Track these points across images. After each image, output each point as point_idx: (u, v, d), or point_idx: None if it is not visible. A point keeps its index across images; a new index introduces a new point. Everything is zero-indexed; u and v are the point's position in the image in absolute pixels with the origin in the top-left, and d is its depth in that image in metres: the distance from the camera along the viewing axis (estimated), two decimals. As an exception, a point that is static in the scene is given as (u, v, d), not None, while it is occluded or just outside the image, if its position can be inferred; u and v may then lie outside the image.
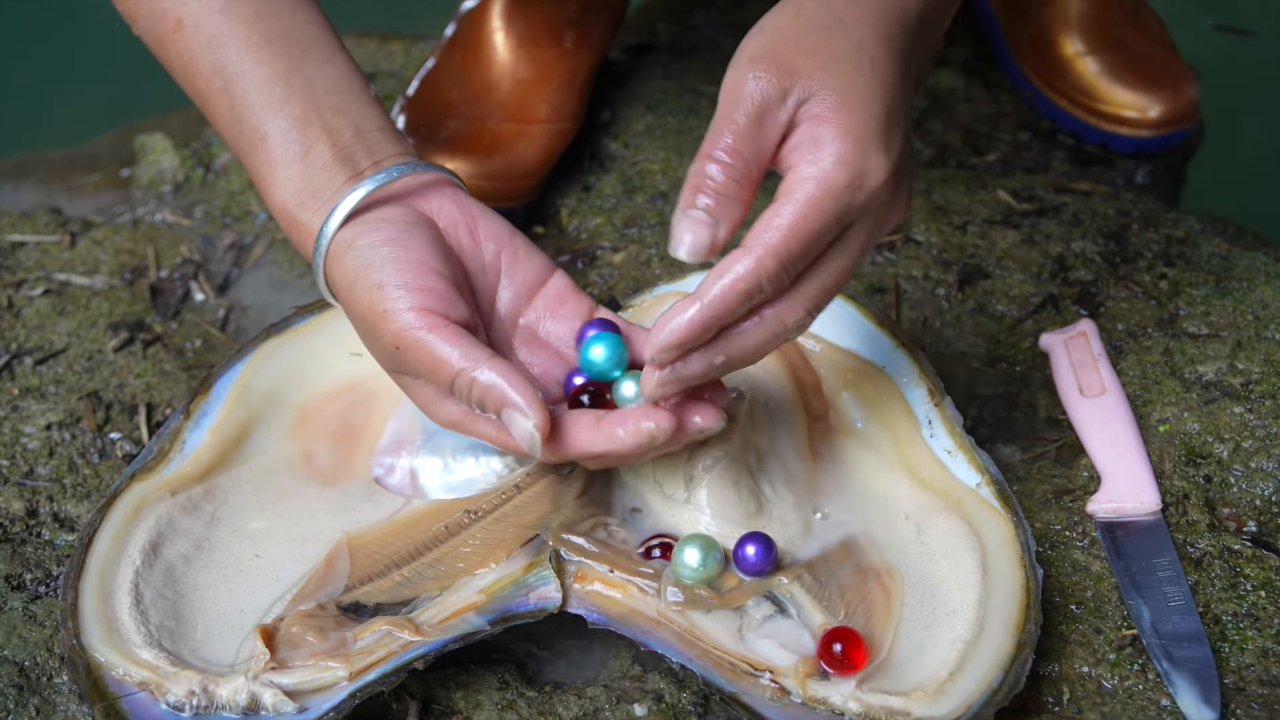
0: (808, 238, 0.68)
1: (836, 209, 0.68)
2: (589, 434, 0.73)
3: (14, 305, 0.99)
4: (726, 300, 0.68)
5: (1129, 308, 0.96)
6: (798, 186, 0.68)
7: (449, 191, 0.80)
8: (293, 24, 0.79)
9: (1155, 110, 1.14)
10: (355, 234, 0.76)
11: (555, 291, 0.81)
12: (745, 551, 0.75)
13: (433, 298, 0.74)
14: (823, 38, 0.70)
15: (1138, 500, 0.82)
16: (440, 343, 0.72)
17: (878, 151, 0.69)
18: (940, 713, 0.68)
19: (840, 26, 0.70)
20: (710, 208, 0.69)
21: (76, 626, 0.73)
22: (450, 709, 0.74)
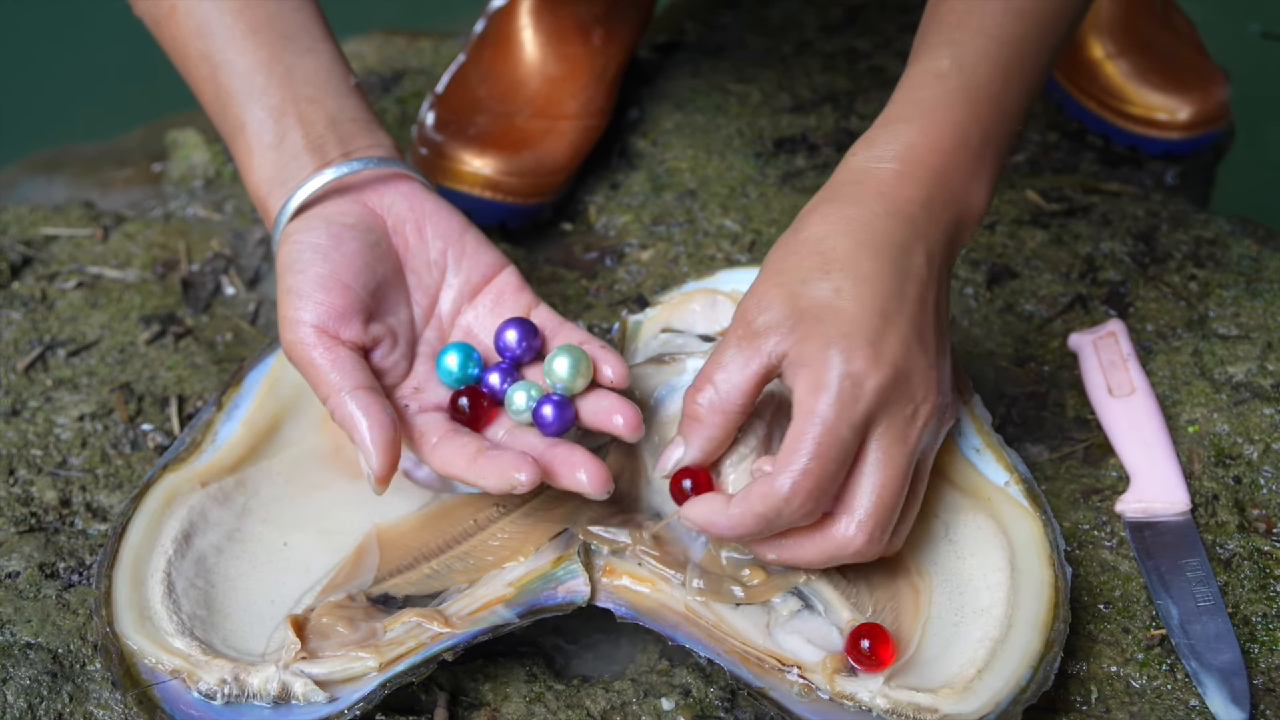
0: (816, 452, 0.68)
1: (835, 420, 0.68)
2: (462, 464, 0.74)
3: (47, 298, 1.00)
4: (746, 522, 0.70)
5: (1158, 308, 0.96)
6: (795, 407, 0.70)
7: (405, 187, 0.81)
8: (280, 13, 0.81)
9: (1185, 112, 1.13)
10: (296, 228, 0.78)
11: (498, 289, 0.81)
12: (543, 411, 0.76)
13: (329, 315, 0.75)
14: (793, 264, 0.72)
15: (1167, 501, 0.82)
16: (318, 362, 0.74)
17: (864, 354, 0.69)
18: (968, 709, 0.68)
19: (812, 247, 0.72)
20: (682, 430, 0.74)
21: (110, 614, 0.73)
22: (479, 700, 0.74)
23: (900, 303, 0.71)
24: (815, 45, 1.26)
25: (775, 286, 0.71)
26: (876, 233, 0.71)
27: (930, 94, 0.74)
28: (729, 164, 1.12)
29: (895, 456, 0.70)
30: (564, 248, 1.07)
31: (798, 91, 1.20)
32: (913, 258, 0.71)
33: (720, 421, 0.73)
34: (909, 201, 0.72)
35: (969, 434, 0.81)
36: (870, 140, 0.75)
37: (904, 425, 0.71)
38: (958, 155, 0.73)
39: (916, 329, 0.71)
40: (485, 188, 1.04)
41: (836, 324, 0.70)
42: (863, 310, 0.70)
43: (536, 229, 1.08)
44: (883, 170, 0.73)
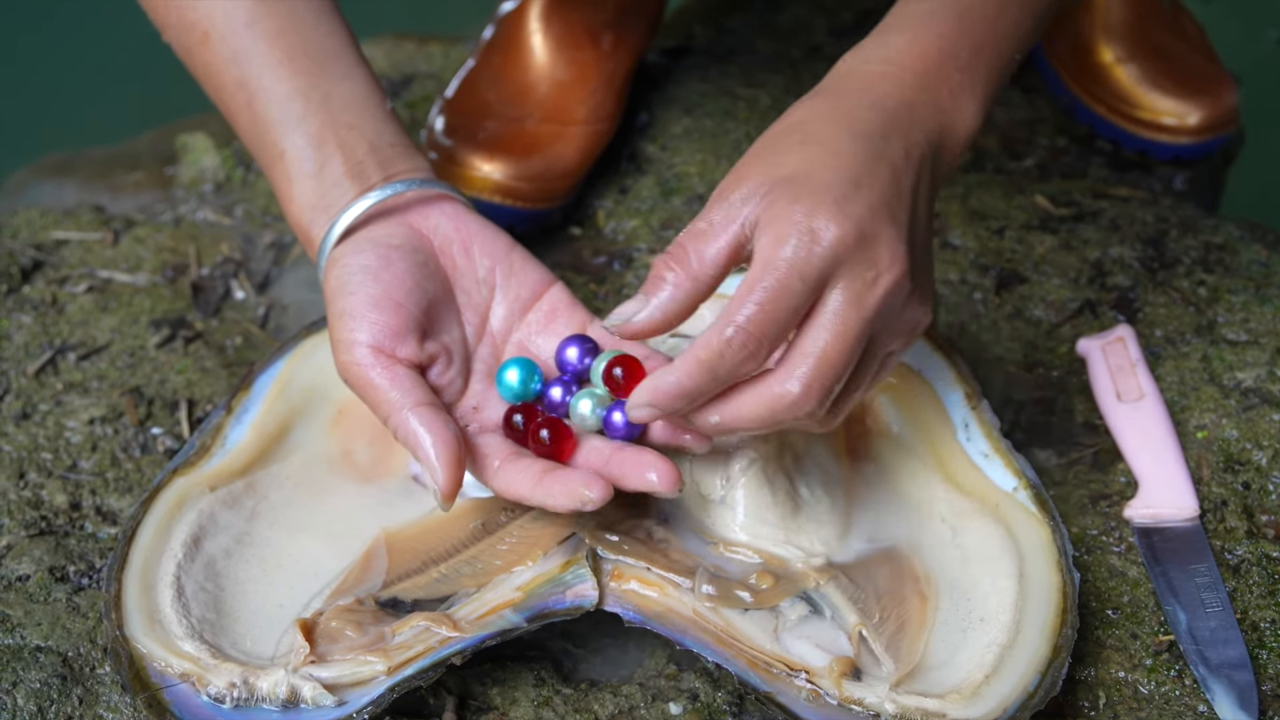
0: (763, 299, 0.67)
1: (788, 269, 0.67)
2: (528, 485, 0.73)
3: (58, 301, 1.00)
4: (691, 372, 0.68)
5: (1167, 314, 0.96)
6: (753, 260, 0.69)
7: (449, 208, 0.81)
8: (314, 39, 0.81)
9: (1194, 117, 1.13)
10: (343, 251, 0.78)
11: (550, 306, 0.81)
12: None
13: (384, 334, 0.75)
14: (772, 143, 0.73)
15: (1175, 506, 0.82)
16: (377, 382, 0.74)
17: (828, 210, 0.68)
18: (976, 715, 0.68)
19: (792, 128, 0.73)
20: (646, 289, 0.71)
21: (120, 618, 0.74)
22: (487, 705, 0.74)
23: (873, 177, 0.70)
24: (824, 50, 1.26)
25: (753, 162, 0.72)
26: (856, 119, 0.72)
27: (921, 8, 0.76)
28: (738, 168, 1.12)
29: (848, 318, 0.68)
30: (573, 252, 1.07)
31: (806, 96, 1.20)
32: (891, 144, 0.71)
33: (687, 287, 0.70)
34: (889, 97, 0.73)
35: (977, 439, 0.81)
36: (860, 48, 0.76)
37: (862, 289, 0.68)
38: (944, 67, 0.74)
39: (887, 202, 0.70)
40: (494, 192, 1.05)
41: (806, 185, 0.69)
42: (835, 176, 0.69)
43: (545, 234, 1.09)
44: (868, 69, 0.74)
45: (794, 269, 0.67)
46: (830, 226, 0.68)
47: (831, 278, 0.68)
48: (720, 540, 0.78)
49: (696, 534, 0.78)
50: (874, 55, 0.75)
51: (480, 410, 0.78)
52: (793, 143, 0.72)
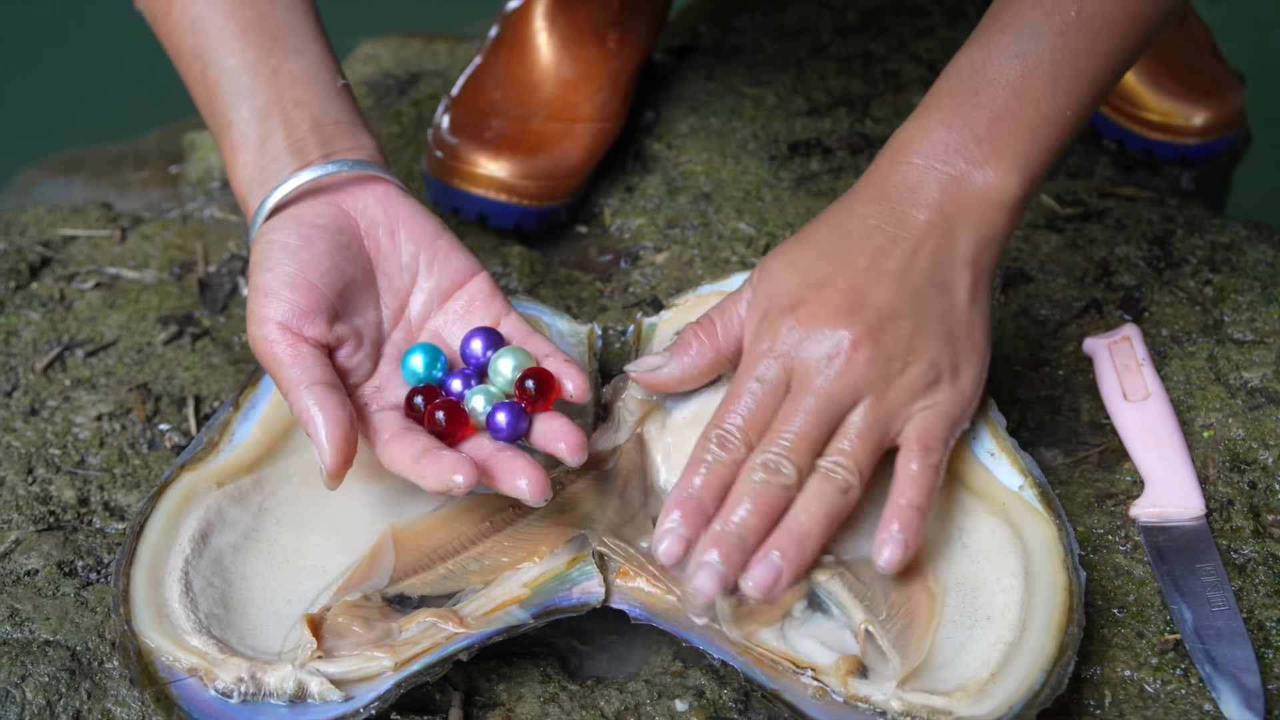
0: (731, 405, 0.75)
1: (748, 376, 0.76)
2: (408, 461, 0.74)
3: (66, 298, 1.00)
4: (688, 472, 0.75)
5: (1173, 313, 0.96)
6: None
7: (380, 190, 0.82)
8: (271, 12, 0.82)
9: (1199, 118, 1.13)
10: (270, 227, 0.79)
11: (470, 296, 0.82)
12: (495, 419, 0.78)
13: (294, 313, 0.77)
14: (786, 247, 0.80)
15: (1181, 505, 0.82)
16: (280, 358, 0.76)
17: (785, 319, 0.76)
18: (982, 712, 0.68)
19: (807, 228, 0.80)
20: (673, 349, 0.80)
21: (128, 612, 0.74)
22: (493, 700, 0.75)
23: (840, 274, 0.76)
24: (830, 49, 1.26)
25: (764, 261, 0.80)
26: (852, 217, 0.78)
27: (934, 92, 0.79)
28: (744, 167, 1.12)
29: (801, 396, 0.75)
30: (579, 250, 1.07)
31: (812, 95, 1.20)
32: (876, 236, 0.77)
33: (710, 355, 0.79)
34: (891, 185, 0.77)
35: (983, 438, 0.81)
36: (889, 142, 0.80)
37: (815, 372, 0.75)
38: (954, 140, 0.77)
39: (854, 288, 0.75)
40: (500, 190, 1.05)
41: (778, 291, 0.77)
42: (802, 283, 0.77)
43: (551, 232, 1.09)
44: (881, 163, 0.79)
45: (755, 372, 0.76)
46: (779, 330, 0.76)
47: (792, 371, 0.75)
48: None
49: None
50: (890, 148, 0.79)
51: (382, 391, 0.80)
52: (792, 246, 0.79)
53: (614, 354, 0.96)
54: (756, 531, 0.73)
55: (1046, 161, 0.78)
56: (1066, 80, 0.77)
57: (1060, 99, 0.77)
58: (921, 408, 0.76)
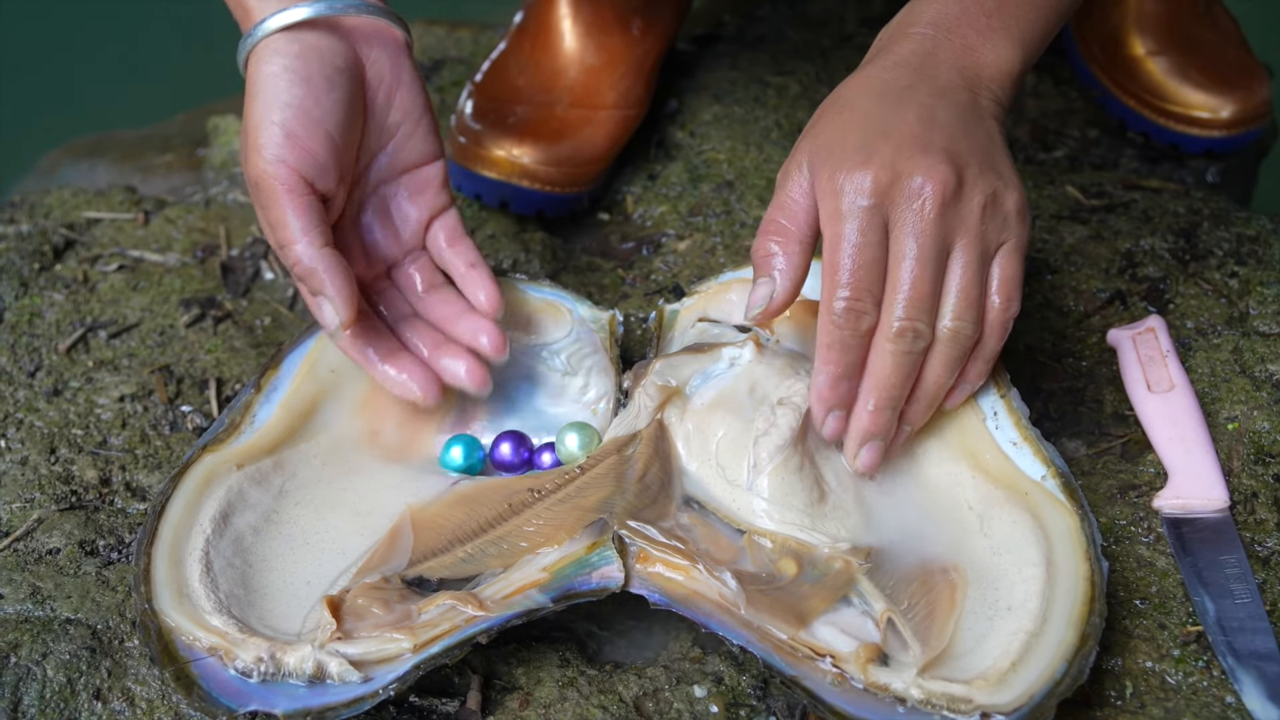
0: (841, 266, 0.75)
1: (847, 231, 0.75)
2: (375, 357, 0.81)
3: (90, 280, 1.01)
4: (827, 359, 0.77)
5: (1198, 305, 0.96)
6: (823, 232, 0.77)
7: (393, 45, 0.83)
8: None
9: (1227, 110, 1.12)
10: (283, 47, 0.78)
11: (425, 177, 0.85)
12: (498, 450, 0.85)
13: (308, 161, 0.78)
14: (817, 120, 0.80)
15: (1205, 497, 0.81)
16: (289, 205, 0.77)
17: (860, 167, 0.75)
18: (1002, 700, 0.68)
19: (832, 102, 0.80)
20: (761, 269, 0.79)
21: (149, 591, 0.74)
22: (511, 684, 0.74)
23: (900, 122, 0.76)
24: (855, 39, 1.26)
25: (802, 141, 0.79)
26: (882, 82, 0.79)
27: None
28: (767, 155, 1.12)
29: (911, 245, 0.75)
30: (601, 237, 1.07)
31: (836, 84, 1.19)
32: (916, 91, 0.78)
33: (797, 251, 0.78)
34: (912, 54, 0.79)
35: (1006, 427, 0.81)
36: (893, 20, 0.82)
37: (913, 216, 0.75)
38: (967, 13, 0.79)
39: (916, 136, 0.76)
40: (523, 177, 1.05)
41: (840, 152, 0.76)
42: (862, 137, 0.76)
43: (574, 218, 1.09)
44: (896, 35, 0.81)
45: (852, 228, 0.75)
46: (865, 179, 0.75)
47: (889, 219, 0.75)
48: (748, 527, 0.77)
49: (724, 521, 0.78)
50: (901, 22, 0.81)
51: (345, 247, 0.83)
52: (830, 115, 0.79)
53: (635, 341, 0.95)
54: (903, 399, 0.78)
55: (1043, 42, 0.81)
56: None
57: None
58: (1004, 241, 0.77)
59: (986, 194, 0.76)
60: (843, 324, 0.76)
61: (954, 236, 0.76)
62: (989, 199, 0.76)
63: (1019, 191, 0.78)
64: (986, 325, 0.78)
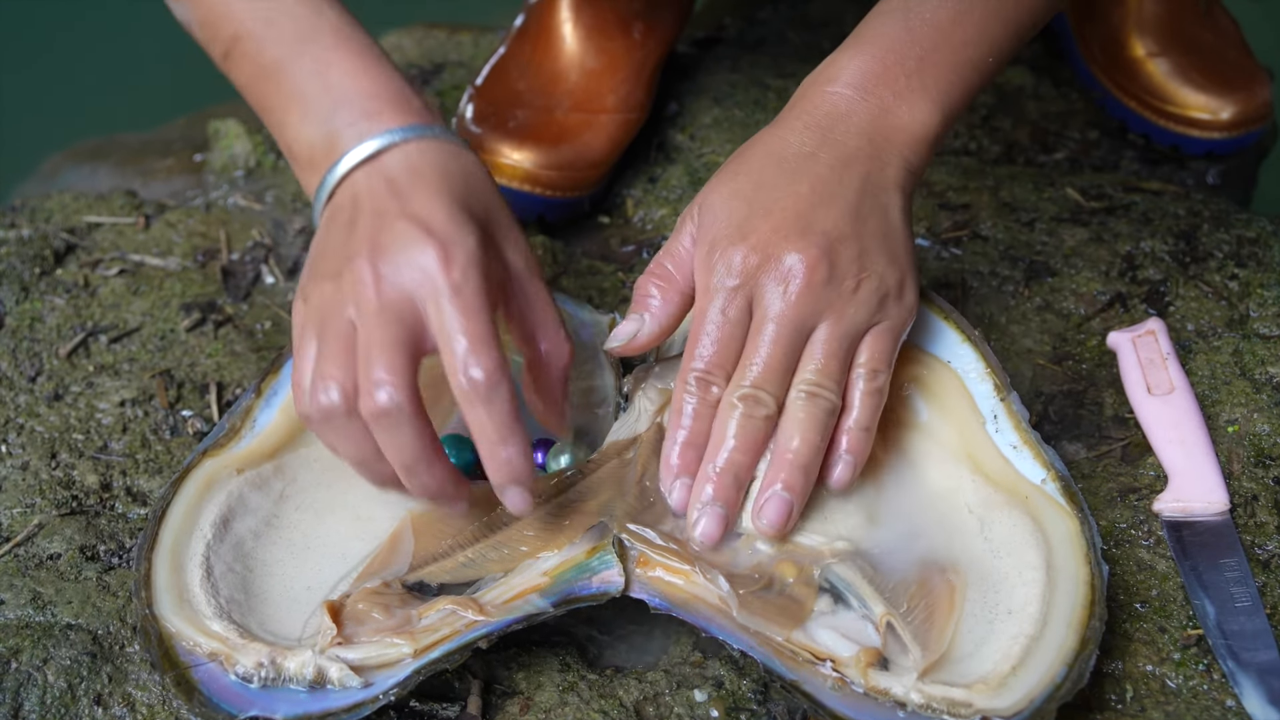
0: (701, 340, 0.77)
1: (710, 309, 0.76)
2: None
3: (90, 284, 1.01)
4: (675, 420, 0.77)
5: (1199, 307, 0.95)
6: None
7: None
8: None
9: (1227, 112, 1.12)
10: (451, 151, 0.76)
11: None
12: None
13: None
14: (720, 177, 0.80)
15: (1205, 500, 0.81)
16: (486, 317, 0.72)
17: (734, 244, 0.76)
18: (1002, 705, 0.68)
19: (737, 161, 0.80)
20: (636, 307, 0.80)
21: (149, 596, 0.74)
22: (512, 689, 0.75)
23: (786, 200, 0.77)
24: (855, 41, 1.26)
25: (703, 195, 0.80)
26: (787, 144, 0.79)
27: (870, 26, 0.81)
28: (767, 159, 1.12)
29: (768, 326, 0.76)
30: (601, 241, 1.07)
31: (837, 87, 1.20)
32: (817, 160, 0.78)
33: (675, 299, 0.79)
34: (823, 115, 0.79)
35: (1006, 430, 0.81)
36: (815, 71, 0.82)
37: (775, 296, 0.76)
38: (887, 74, 0.79)
39: (799, 214, 0.76)
40: (524, 181, 1.05)
41: (724, 227, 0.77)
42: (748, 211, 0.77)
43: (574, 222, 1.09)
44: (812, 92, 0.81)
45: (715, 306, 0.76)
46: (735, 258, 0.76)
47: (753, 299, 0.77)
48: (745, 530, 0.77)
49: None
50: (820, 77, 0.81)
51: None
52: (728, 177, 0.79)
53: (635, 344, 0.95)
54: (746, 467, 0.76)
55: (964, 103, 0.81)
56: (994, 28, 0.80)
57: (985, 45, 0.80)
58: (875, 323, 0.78)
59: (861, 277, 0.77)
60: (693, 392, 0.76)
61: (818, 317, 0.76)
62: (864, 281, 0.77)
63: (906, 274, 0.78)
64: (854, 396, 0.77)
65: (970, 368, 0.84)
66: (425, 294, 0.71)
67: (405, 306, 0.71)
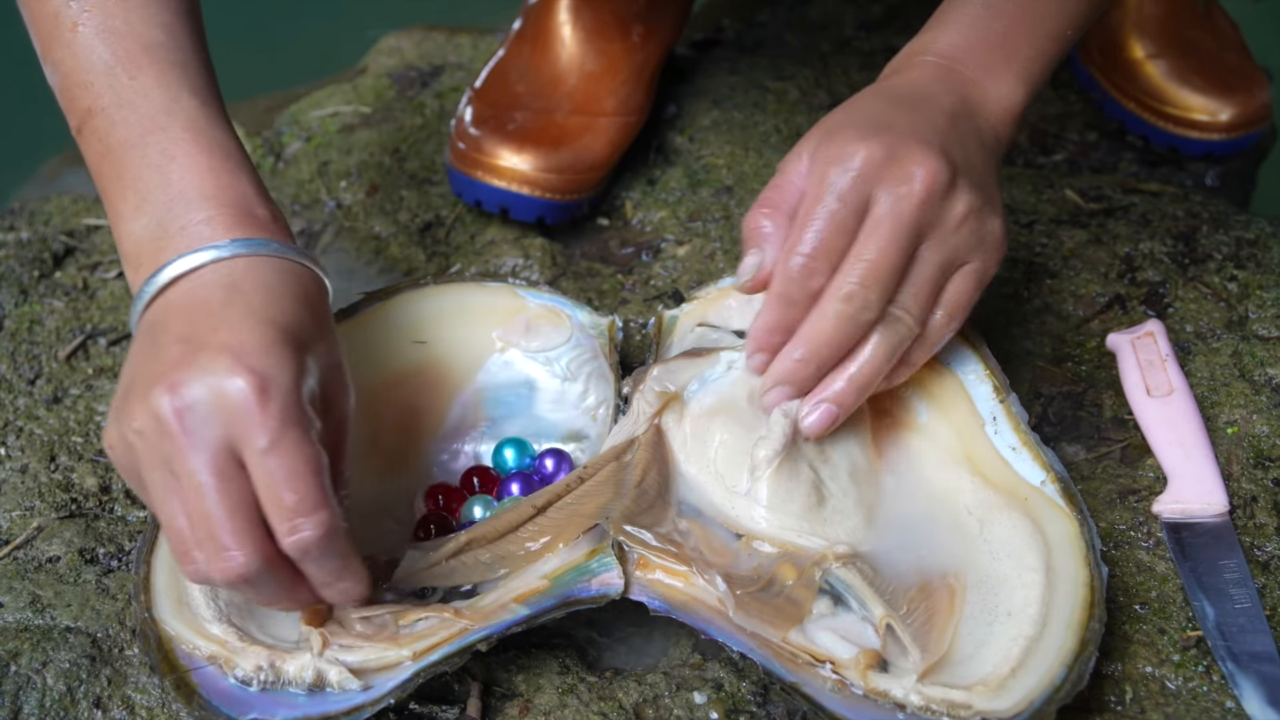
0: (812, 224, 0.75)
1: (827, 194, 0.74)
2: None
3: (89, 287, 1.01)
4: (772, 305, 0.76)
5: (1197, 309, 0.96)
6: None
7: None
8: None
9: (1226, 114, 1.13)
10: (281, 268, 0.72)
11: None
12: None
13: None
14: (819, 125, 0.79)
15: (1205, 502, 0.81)
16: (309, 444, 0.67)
17: (856, 140, 0.75)
18: (1002, 707, 0.68)
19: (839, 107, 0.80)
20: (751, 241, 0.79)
21: (149, 600, 0.74)
22: (512, 691, 0.75)
23: (902, 117, 0.77)
24: (854, 43, 1.26)
25: (807, 135, 0.79)
26: (888, 93, 0.80)
27: (949, 4, 0.82)
28: (766, 161, 1.12)
29: (886, 223, 0.74)
30: (600, 243, 1.07)
31: (835, 89, 1.20)
32: (919, 104, 0.78)
33: (790, 224, 0.77)
34: (918, 80, 0.80)
35: (1005, 432, 0.81)
36: (902, 51, 0.83)
37: (897, 198, 0.74)
38: (971, 48, 0.80)
39: (915, 129, 0.76)
40: (523, 183, 1.05)
41: (842, 132, 0.77)
42: (867, 121, 0.77)
43: (574, 224, 1.09)
44: (900, 64, 0.82)
45: (831, 193, 0.74)
46: (859, 151, 0.75)
47: (871, 195, 0.75)
48: (745, 532, 0.77)
49: (722, 526, 0.78)
50: (909, 51, 0.82)
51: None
52: (836, 112, 0.79)
53: (635, 346, 0.95)
54: (830, 365, 0.77)
55: (1045, 77, 0.81)
56: (1071, 1, 0.81)
57: (1064, 17, 0.81)
58: (966, 262, 0.77)
59: (971, 206, 0.76)
60: (795, 278, 0.75)
61: (928, 232, 0.75)
62: (972, 211, 0.76)
63: (1003, 221, 0.78)
64: (925, 331, 0.78)
65: (969, 370, 0.84)
66: (239, 440, 0.66)
67: (221, 456, 0.66)
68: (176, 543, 0.67)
